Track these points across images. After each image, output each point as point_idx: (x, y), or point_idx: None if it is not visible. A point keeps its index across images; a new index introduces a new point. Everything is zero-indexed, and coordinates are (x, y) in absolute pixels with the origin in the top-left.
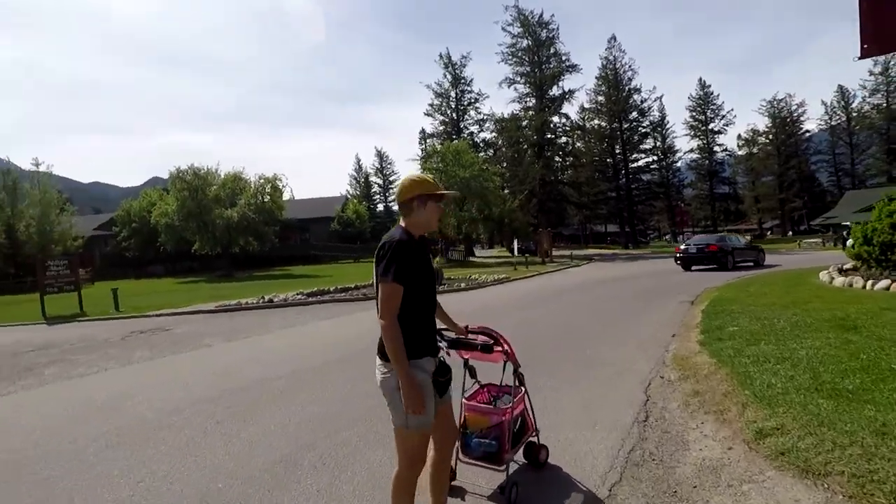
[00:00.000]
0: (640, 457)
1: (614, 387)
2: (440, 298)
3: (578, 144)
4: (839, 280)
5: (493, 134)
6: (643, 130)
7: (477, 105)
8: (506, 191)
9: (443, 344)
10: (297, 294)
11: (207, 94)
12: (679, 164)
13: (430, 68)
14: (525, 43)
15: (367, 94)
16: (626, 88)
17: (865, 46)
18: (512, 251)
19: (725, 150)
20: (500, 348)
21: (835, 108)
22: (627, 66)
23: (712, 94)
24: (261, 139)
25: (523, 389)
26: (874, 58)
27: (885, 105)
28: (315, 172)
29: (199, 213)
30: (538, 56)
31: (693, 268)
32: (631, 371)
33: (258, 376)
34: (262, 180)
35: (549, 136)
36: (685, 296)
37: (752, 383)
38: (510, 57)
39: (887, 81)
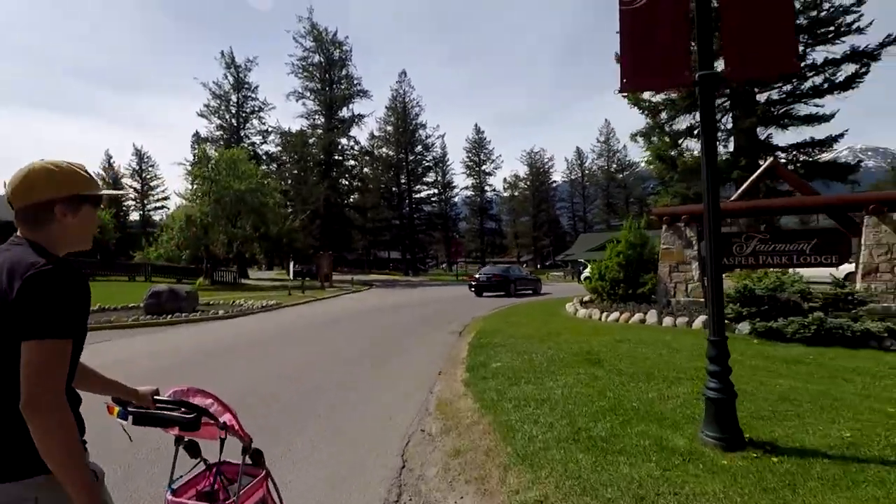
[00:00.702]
0: None
1: (372, 448)
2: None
3: (366, 170)
4: (582, 312)
5: (279, 148)
6: (426, 164)
7: (261, 115)
8: (288, 209)
9: (122, 421)
10: None
11: None
12: (456, 199)
13: (209, 66)
14: (317, 59)
15: (125, 79)
16: (413, 122)
17: (625, 81)
18: (291, 274)
19: (494, 190)
20: (211, 421)
21: (573, 165)
22: (415, 102)
23: (485, 139)
24: None
25: (263, 471)
26: (601, 129)
27: (605, 167)
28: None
29: None
30: (330, 74)
31: (484, 294)
32: (392, 424)
33: None
34: None
35: (336, 157)
36: (455, 325)
37: (514, 436)
38: (301, 70)
39: (608, 149)
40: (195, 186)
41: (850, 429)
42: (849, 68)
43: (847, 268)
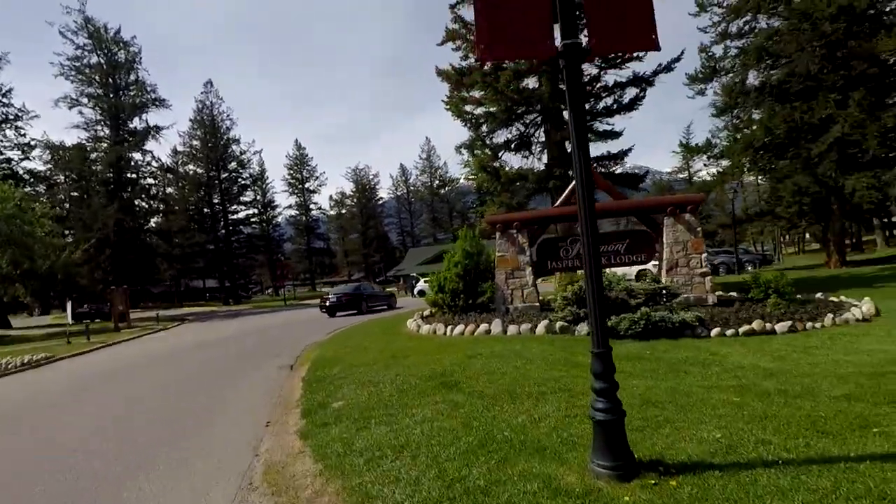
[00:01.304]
0: None
1: None
2: None
3: (171, 189)
4: (426, 328)
5: (48, 165)
6: (243, 182)
7: (18, 124)
8: (67, 238)
9: None
10: None
11: None
12: (279, 219)
13: None
14: (95, 59)
15: None
16: (225, 137)
17: (482, 47)
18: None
19: (320, 208)
20: None
21: (398, 181)
22: (226, 115)
23: (307, 155)
24: None
25: None
26: (422, 147)
27: (429, 183)
28: None
29: None
30: (114, 79)
31: (337, 314)
32: None
33: None
34: None
35: (129, 174)
36: (285, 357)
37: None
38: (73, 72)
39: (430, 165)
40: None
41: (718, 427)
42: (632, 91)
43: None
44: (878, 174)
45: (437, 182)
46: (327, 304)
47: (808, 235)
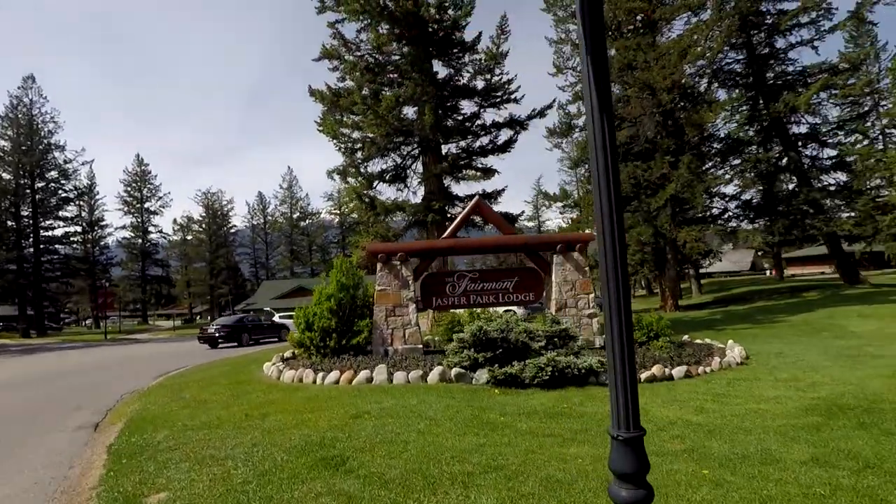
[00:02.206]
0: None
1: None
2: None
3: None
4: (289, 374)
5: None
6: (65, 195)
7: None
8: None
9: None
10: None
11: None
12: (109, 241)
13: None
14: None
15: None
16: (45, 141)
17: None
18: None
19: (161, 231)
20: None
21: (255, 210)
22: (49, 117)
23: (150, 172)
24: None
25: None
26: (283, 176)
27: (289, 214)
28: None
29: None
30: None
31: (219, 345)
32: None
33: None
34: None
35: None
36: (89, 411)
37: None
38: None
39: (291, 195)
40: None
41: None
42: (507, 133)
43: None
44: (702, 229)
45: (297, 214)
46: (208, 334)
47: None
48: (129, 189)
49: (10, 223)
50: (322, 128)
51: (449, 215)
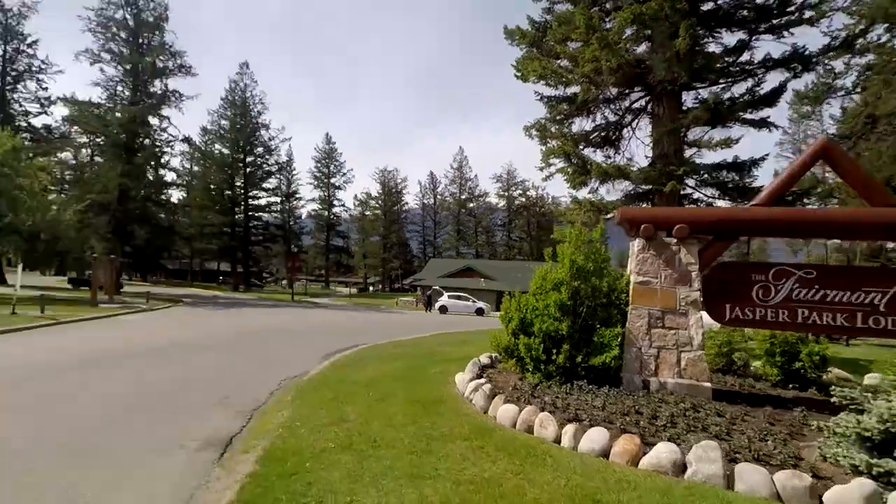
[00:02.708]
0: None
1: None
2: None
3: (195, 168)
4: (506, 411)
5: (65, 124)
6: (268, 168)
7: (41, 77)
8: (61, 195)
9: None
10: None
11: None
12: (301, 212)
13: None
14: (121, 14)
15: None
16: (255, 120)
17: None
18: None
19: (343, 206)
20: None
21: (426, 188)
22: (258, 99)
23: (336, 149)
24: None
25: None
26: (455, 156)
27: (458, 194)
28: None
29: None
30: (139, 38)
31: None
32: None
33: None
34: None
35: (142, 139)
36: (232, 412)
37: None
38: (99, 27)
39: (461, 176)
40: None
41: None
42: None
43: None
44: None
45: (465, 195)
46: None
47: None
48: (318, 165)
49: (226, 192)
50: (520, 71)
51: (687, 191)
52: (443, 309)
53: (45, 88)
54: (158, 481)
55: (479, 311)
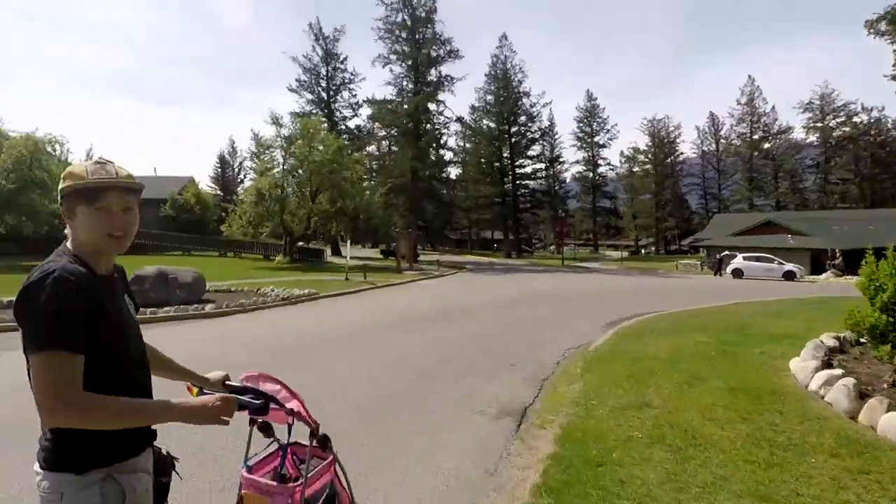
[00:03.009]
0: None
1: None
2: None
3: (467, 145)
4: (890, 420)
5: (369, 121)
6: (531, 136)
7: (351, 86)
8: (371, 181)
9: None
10: None
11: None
12: (565, 175)
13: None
14: (401, 17)
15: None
16: (516, 90)
17: None
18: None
19: (609, 164)
20: (276, 407)
21: (706, 133)
22: (518, 69)
23: (598, 106)
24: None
25: (331, 456)
26: (742, 89)
27: (748, 135)
28: (178, 153)
29: None
30: (416, 33)
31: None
32: None
33: None
34: (28, 141)
35: (425, 124)
36: (511, 383)
37: None
38: (385, 33)
39: (751, 112)
40: (264, 159)
41: None
42: None
43: None
44: None
45: (759, 134)
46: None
47: None
48: (580, 125)
49: (495, 164)
50: None
51: None
52: (737, 272)
53: (355, 95)
54: (465, 440)
55: (789, 275)
